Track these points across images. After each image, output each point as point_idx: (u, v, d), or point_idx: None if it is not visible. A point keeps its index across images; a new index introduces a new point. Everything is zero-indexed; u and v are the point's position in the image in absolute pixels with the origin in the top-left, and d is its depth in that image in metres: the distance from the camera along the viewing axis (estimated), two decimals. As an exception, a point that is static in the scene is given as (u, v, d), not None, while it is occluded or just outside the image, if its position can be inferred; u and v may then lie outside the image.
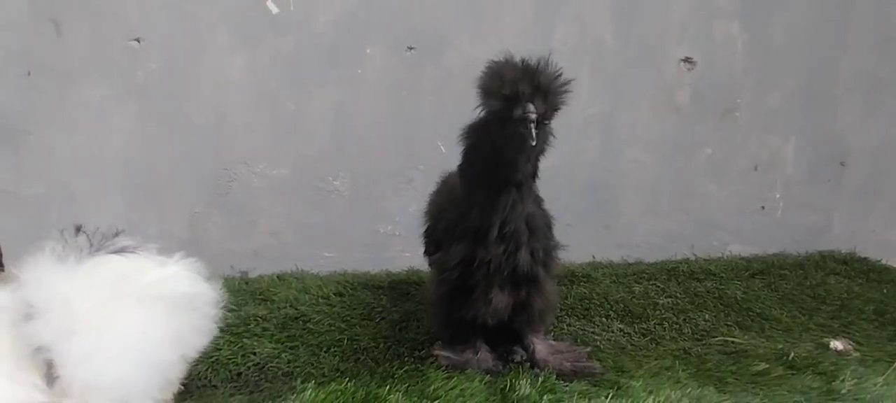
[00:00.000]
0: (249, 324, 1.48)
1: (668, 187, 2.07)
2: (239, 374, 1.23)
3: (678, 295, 1.72)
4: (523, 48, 1.91)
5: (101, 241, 0.98)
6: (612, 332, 1.47)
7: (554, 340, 1.36)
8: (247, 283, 1.87)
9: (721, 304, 1.67)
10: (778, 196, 2.13)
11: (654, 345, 1.41)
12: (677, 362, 1.31)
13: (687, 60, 1.98)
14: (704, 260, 2.05)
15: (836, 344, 1.42)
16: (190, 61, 1.81)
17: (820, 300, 1.70)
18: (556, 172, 2.01)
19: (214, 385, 1.18)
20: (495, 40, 1.90)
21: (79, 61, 1.76)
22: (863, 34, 2.00)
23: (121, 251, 0.99)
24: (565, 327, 1.50)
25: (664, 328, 1.50)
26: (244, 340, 1.38)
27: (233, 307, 1.59)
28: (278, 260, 1.98)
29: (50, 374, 0.83)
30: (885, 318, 1.58)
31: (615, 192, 2.05)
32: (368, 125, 1.91)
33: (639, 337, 1.45)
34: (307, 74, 1.87)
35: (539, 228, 1.20)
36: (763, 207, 2.13)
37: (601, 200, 2.06)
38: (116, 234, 1.01)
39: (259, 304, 1.65)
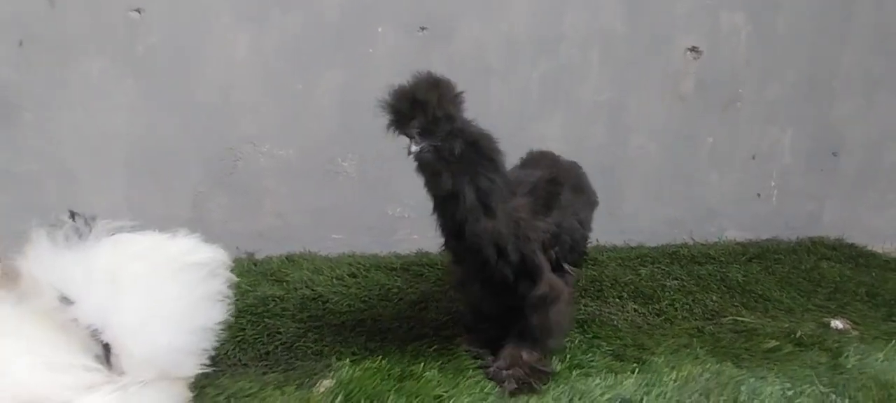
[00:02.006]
0: (268, 305, 1.47)
1: (672, 174, 2.11)
2: (267, 353, 1.22)
3: (683, 277, 1.77)
4: (534, 34, 1.94)
5: (91, 224, 0.94)
6: (628, 312, 1.51)
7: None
8: (256, 264, 1.85)
9: (724, 286, 1.72)
10: (773, 184, 2.19)
11: (668, 325, 1.45)
12: (694, 340, 1.36)
13: (693, 49, 2.01)
14: (703, 244, 2.11)
15: (837, 323, 1.48)
16: (193, 36, 1.75)
17: (815, 282, 1.78)
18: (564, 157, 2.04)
19: (245, 364, 1.17)
20: (506, 25, 1.89)
21: (74, 32, 1.68)
22: (862, 30, 2.07)
23: (116, 230, 0.96)
24: (582, 307, 1.53)
25: (675, 308, 1.54)
26: (266, 320, 1.37)
27: (247, 287, 1.58)
28: (284, 241, 1.95)
29: (107, 354, 0.80)
30: (877, 300, 1.66)
31: (620, 178, 2.09)
32: (378, 106, 1.89)
33: (653, 317, 1.49)
34: (315, 53, 1.83)
35: (517, 241, 1.11)
36: (759, 195, 2.20)
37: (606, 186, 2.05)
38: (94, 217, 0.97)
39: (273, 285, 1.64)
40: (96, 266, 0.84)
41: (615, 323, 1.43)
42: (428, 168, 1.12)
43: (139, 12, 1.70)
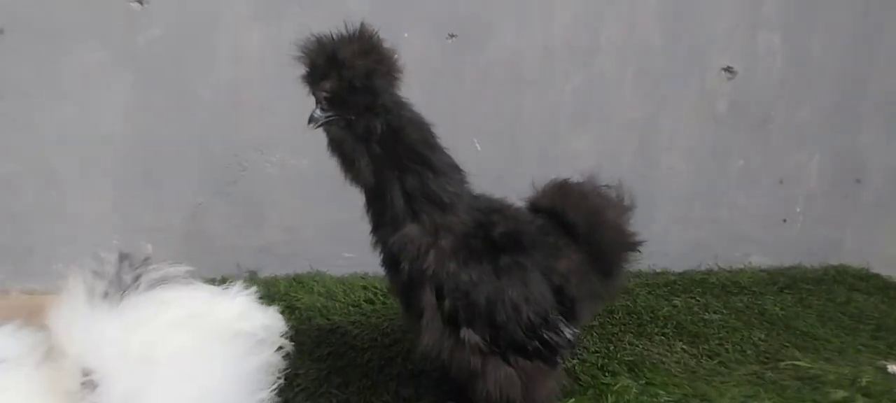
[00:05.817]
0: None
1: (701, 196, 2.04)
2: (287, 402, 1.07)
3: (722, 310, 1.69)
4: (571, 45, 1.84)
5: (136, 270, 0.78)
6: (677, 352, 1.41)
7: None
8: (259, 286, 1.67)
9: (767, 322, 1.64)
10: (799, 209, 2.14)
11: (724, 369, 1.36)
12: (759, 389, 1.27)
13: (728, 69, 1.94)
14: (730, 271, 2.04)
15: (893, 368, 1.41)
16: (201, 29, 1.58)
17: (855, 318, 1.71)
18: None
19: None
20: (543, 34, 1.78)
21: (66, 19, 1.49)
22: (890, 56, 2.03)
23: (163, 280, 0.80)
24: (627, 345, 1.41)
25: (727, 349, 1.45)
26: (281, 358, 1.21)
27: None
28: (289, 259, 1.79)
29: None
30: (923, 339, 1.60)
31: (649, 199, 1.99)
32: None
33: (706, 360, 1.39)
34: (337, 55, 1.68)
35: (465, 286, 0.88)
36: (785, 220, 2.14)
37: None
38: (146, 259, 0.81)
39: (284, 312, 1.45)
40: (133, 341, 0.69)
41: (667, 366, 1.33)
42: (337, 147, 0.95)
43: (140, 2, 1.52)
